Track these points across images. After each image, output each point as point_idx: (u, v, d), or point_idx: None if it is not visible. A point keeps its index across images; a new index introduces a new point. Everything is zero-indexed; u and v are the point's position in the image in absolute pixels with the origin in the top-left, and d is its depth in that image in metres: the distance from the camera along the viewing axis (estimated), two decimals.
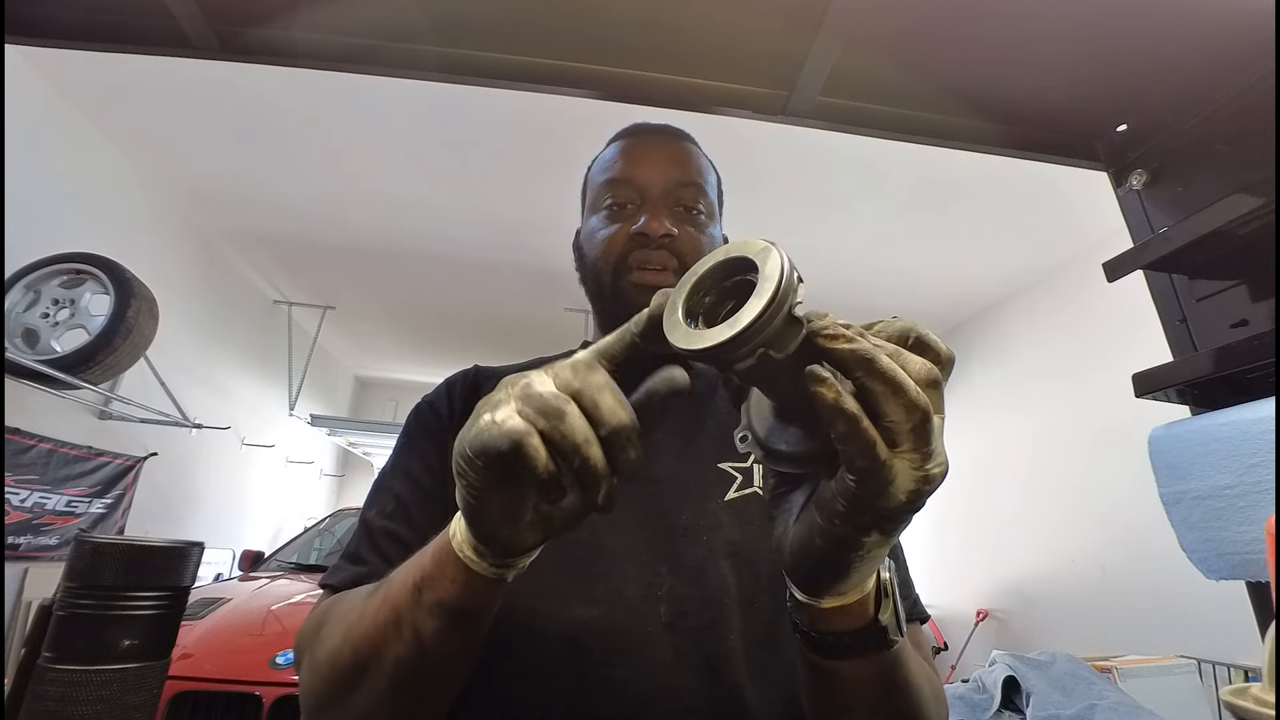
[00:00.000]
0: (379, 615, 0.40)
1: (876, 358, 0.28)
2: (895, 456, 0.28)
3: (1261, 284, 0.84)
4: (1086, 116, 1.01)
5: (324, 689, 0.42)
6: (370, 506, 0.57)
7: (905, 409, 0.28)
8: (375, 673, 0.40)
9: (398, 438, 0.63)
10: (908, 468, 0.28)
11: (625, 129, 0.72)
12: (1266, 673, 0.44)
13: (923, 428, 0.28)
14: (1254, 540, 0.75)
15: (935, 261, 3.41)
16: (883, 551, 0.32)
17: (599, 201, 0.67)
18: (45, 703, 0.50)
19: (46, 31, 0.91)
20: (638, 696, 0.48)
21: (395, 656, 0.39)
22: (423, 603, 0.37)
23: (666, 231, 0.62)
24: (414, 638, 0.38)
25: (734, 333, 0.28)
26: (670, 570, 0.53)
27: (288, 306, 4.38)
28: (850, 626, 0.36)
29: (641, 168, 0.65)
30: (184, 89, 2.36)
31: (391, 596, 0.40)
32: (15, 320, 2.22)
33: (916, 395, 0.28)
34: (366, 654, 0.40)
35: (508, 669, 0.50)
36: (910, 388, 0.28)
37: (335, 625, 0.44)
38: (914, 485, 0.29)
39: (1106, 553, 2.85)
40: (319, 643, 0.45)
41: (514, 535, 0.34)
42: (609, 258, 0.64)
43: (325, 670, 0.42)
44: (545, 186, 2.85)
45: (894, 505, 0.29)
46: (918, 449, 0.28)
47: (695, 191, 0.66)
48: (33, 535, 2.41)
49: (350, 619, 0.42)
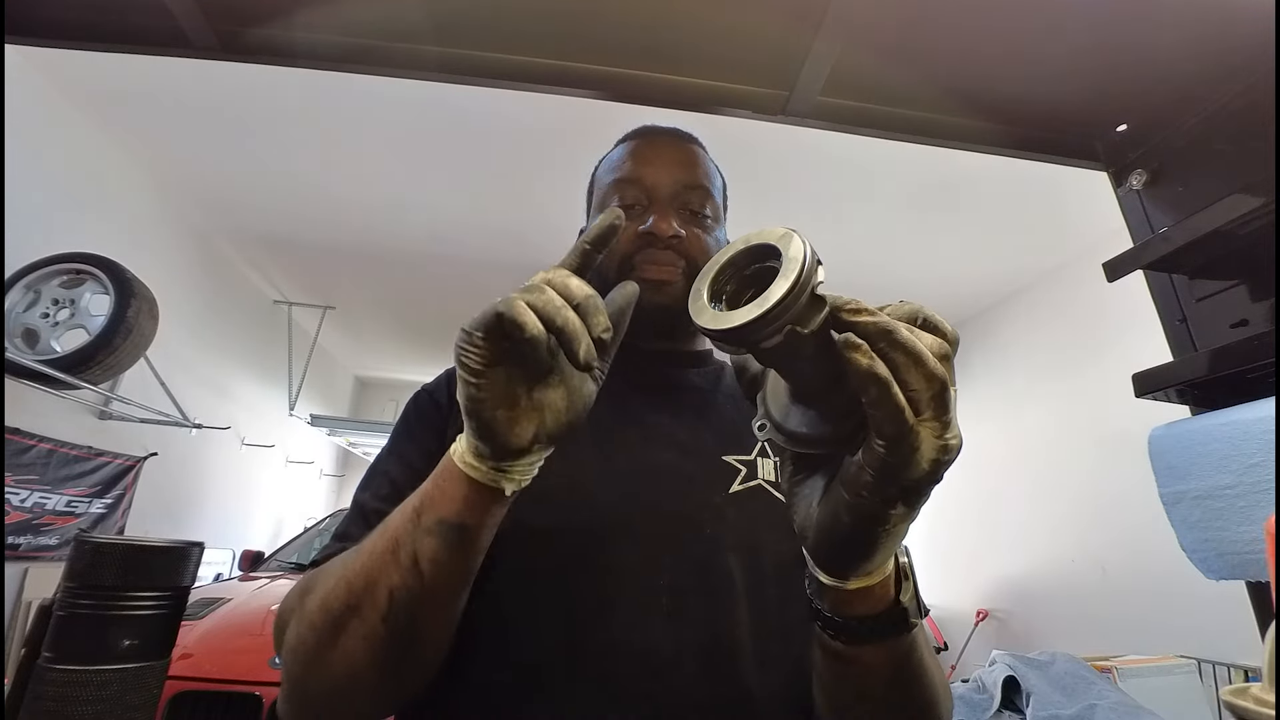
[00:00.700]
0: (376, 546, 0.41)
1: (898, 329, 0.30)
2: (920, 424, 0.30)
3: (1261, 284, 0.84)
4: (1086, 116, 1.01)
5: (312, 639, 0.42)
6: (364, 489, 0.58)
7: (926, 378, 0.30)
8: (369, 606, 0.40)
9: (396, 423, 0.63)
10: (930, 435, 0.30)
11: (634, 130, 0.72)
12: (1266, 673, 0.44)
13: (941, 397, 0.30)
14: (1254, 540, 0.75)
15: (935, 261, 3.41)
16: (905, 527, 0.34)
17: (606, 201, 0.67)
18: (45, 703, 0.50)
19: (46, 31, 0.91)
20: (638, 689, 0.48)
21: (390, 586, 0.39)
22: (421, 524, 0.39)
23: (674, 232, 0.62)
24: (411, 562, 0.39)
25: (763, 310, 0.30)
26: (673, 562, 0.53)
27: (288, 306, 4.38)
28: (873, 610, 0.37)
29: (650, 169, 0.66)
30: (184, 89, 2.36)
31: (391, 527, 0.41)
32: (15, 320, 2.22)
33: (935, 366, 0.30)
34: (360, 588, 0.40)
35: (506, 659, 0.50)
36: (929, 358, 0.30)
37: (327, 577, 0.44)
38: (935, 454, 0.30)
39: (1106, 553, 2.85)
40: (309, 597, 0.44)
41: (511, 421, 0.36)
42: (615, 256, 0.64)
43: (317, 618, 0.42)
44: (545, 186, 2.85)
45: (919, 474, 0.30)
46: (938, 417, 0.30)
47: (702, 194, 0.66)
48: (33, 535, 2.41)
49: (346, 560, 0.43)
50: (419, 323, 4.83)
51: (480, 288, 4.02)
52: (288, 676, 0.44)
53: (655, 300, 0.61)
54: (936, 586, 4.07)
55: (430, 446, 0.59)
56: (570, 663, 0.49)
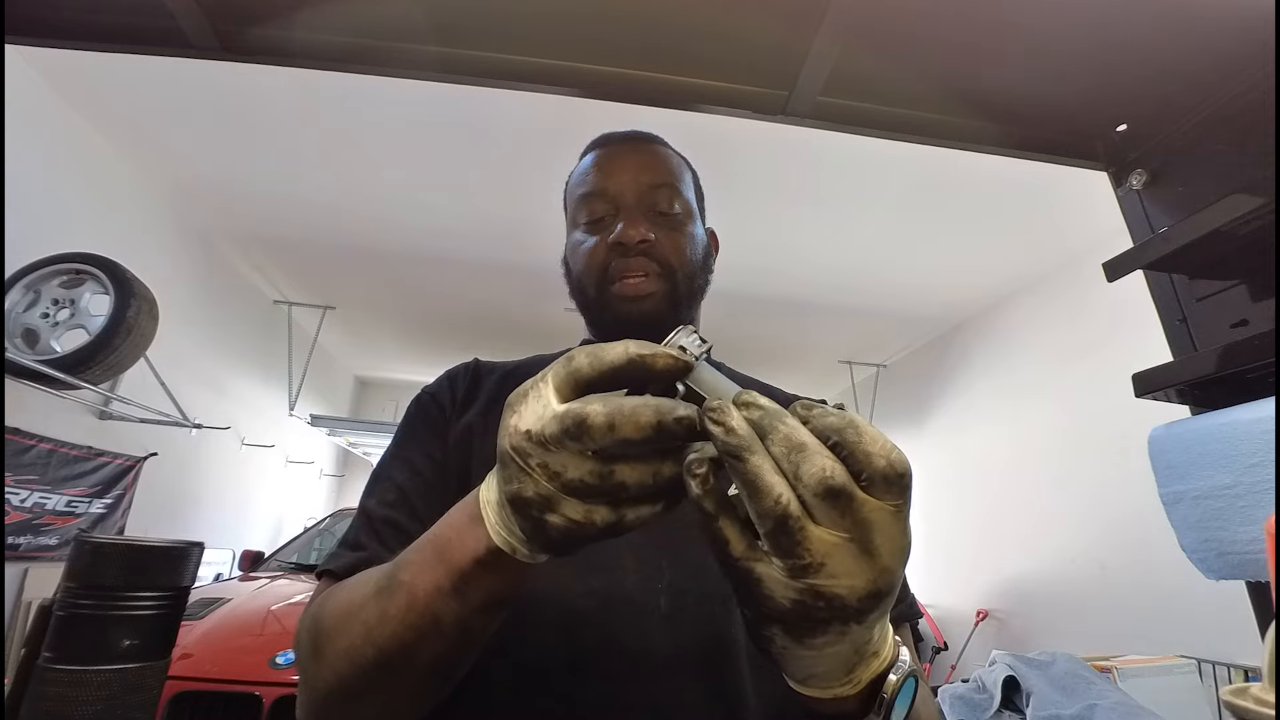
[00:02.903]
0: (408, 618, 0.38)
1: (743, 455, 0.27)
2: (757, 560, 0.28)
3: (1261, 284, 0.84)
4: (1086, 116, 1.01)
5: (338, 686, 0.42)
6: (370, 495, 0.57)
7: (759, 514, 0.26)
8: (408, 670, 0.39)
9: (398, 427, 0.63)
10: (774, 573, 0.27)
11: (594, 140, 0.73)
12: (1266, 673, 0.44)
13: (779, 534, 0.26)
14: (1254, 540, 0.75)
15: (935, 261, 3.41)
16: (842, 645, 0.29)
17: (577, 216, 0.68)
18: (45, 703, 0.50)
19: (46, 31, 0.91)
20: (636, 690, 0.48)
21: (434, 653, 0.38)
22: (469, 601, 0.37)
23: (643, 238, 0.63)
24: (458, 634, 0.38)
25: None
26: (671, 563, 0.53)
27: (288, 306, 4.38)
28: (849, 709, 0.33)
29: (612, 178, 0.66)
30: (184, 89, 2.36)
31: (421, 600, 0.38)
32: (15, 320, 2.22)
33: (775, 503, 0.26)
34: (395, 653, 0.39)
35: (505, 661, 0.50)
36: (771, 494, 0.26)
37: (348, 621, 0.42)
38: (791, 593, 0.27)
39: (1106, 553, 2.85)
40: (328, 638, 0.43)
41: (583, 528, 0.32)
42: (591, 271, 0.65)
43: (343, 668, 0.41)
44: (545, 187, 2.83)
45: (778, 612, 0.27)
46: (782, 556, 0.27)
47: (669, 192, 0.66)
48: (33, 535, 2.41)
49: (368, 619, 0.41)
50: (419, 323, 4.83)
51: (480, 288, 4.04)
52: (310, 702, 0.44)
53: (636, 310, 0.63)
54: (937, 586, 4.07)
55: (433, 449, 0.59)
56: (570, 663, 0.49)
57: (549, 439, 0.30)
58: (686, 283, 0.66)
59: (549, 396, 0.31)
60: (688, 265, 0.66)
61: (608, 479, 0.30)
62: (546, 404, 0.31)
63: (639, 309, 0.63)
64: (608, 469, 0.30)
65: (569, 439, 0.29)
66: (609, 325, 0.66)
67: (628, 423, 0.28)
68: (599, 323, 0.68)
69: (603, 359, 0.31)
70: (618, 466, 0.30)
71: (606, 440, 0.29)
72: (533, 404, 0.31)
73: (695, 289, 0.68)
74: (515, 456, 0.31)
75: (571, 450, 0.30)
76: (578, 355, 0.31)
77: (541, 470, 0.30)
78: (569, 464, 0.30)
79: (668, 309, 0.64)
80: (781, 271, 3.56)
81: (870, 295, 3.83)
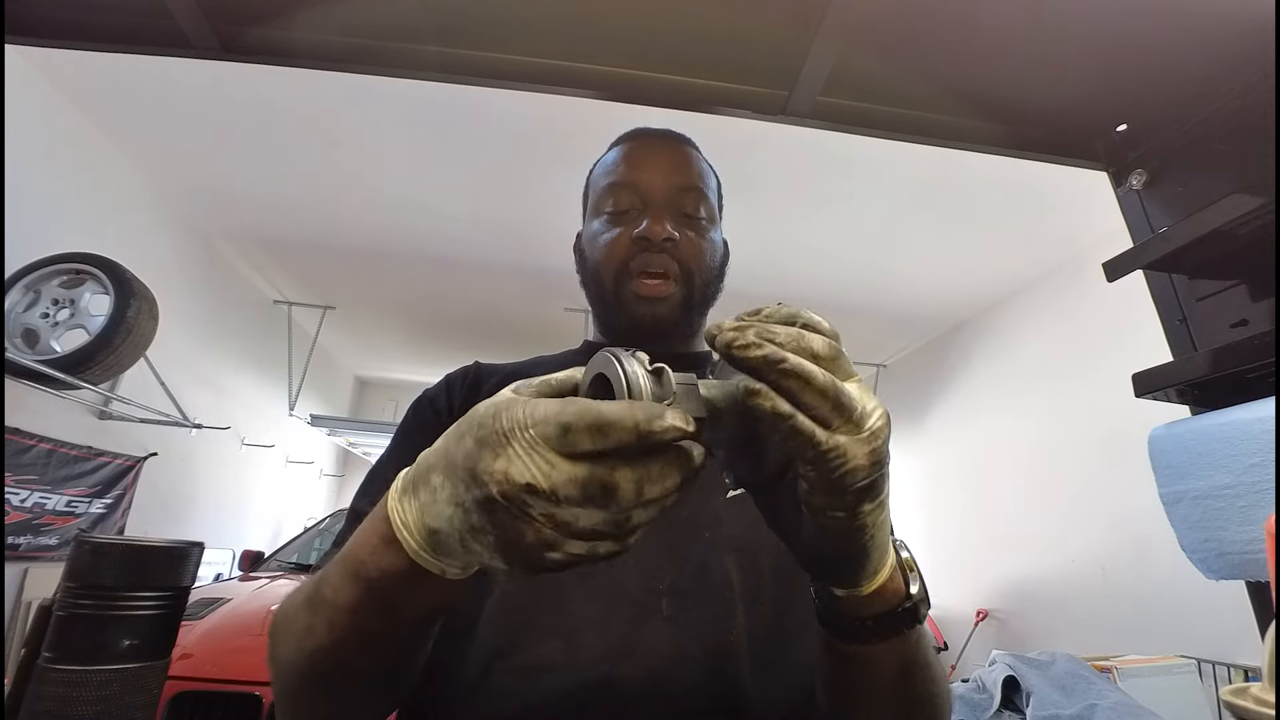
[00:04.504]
0: (334, 633, 0.37)
1: (784, 357, 0.30)
2: (835, 434, 0.30)
3: (1261, 284, 0.84)
4: (1086, 116, 1.01)
5: (286, 688, 0.42)
6: (363, 495, 0.57)
7: (819, 394, 0.30)
8: (343, 679, 0.40)
9: (396, 430, 0.63)
10: (849, 438, 0.30)
11: (627, 133, 0.72)
12: (1266, 673, 0.44)
13: (839, 402, 0.30)
14: (1254, 540, 0.75)
15: (935, 261, 3.41)
16: (883, 516, 0.34)
17: (601, 205, 0.67)
18: (45, 703, 0.50)
19: (46, 31, 0.91)
20: (638, 691, 0.48)
21: (369, 664, 0.39)
22: (400, 618, 0.36)
23: (668, 235, 0.62)
24: (392, 646, 0.39)
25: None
26: (672, 565, 0.53)
27: (288, 306, 4.38)
28: (888, 606, 0.38)
29: (644, 172, 0.66)
30: (185, 89, 2.36)
31: (345, 617, 0.37)
32: (15, 320, 2.22)
33: (822, 379, 0.30)
34: (325, 663, 0.39)
35: (508, 664, 0.50)
36: (816, 374, 0.30)
37: (288, 627, 0.41)
38: (866, 448, 0.30)
39: (1106, 553, 2.85)
40: (274, 641, 0.43)
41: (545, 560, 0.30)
42: (611, 262, 0.64)
43: (286, 673, 0.42)
44: (545, 187, 2.85)
45: (860, 476, 0.31)
46: (847, 419, 0.30)
47: (697, 196, 0.66)
48: (33, 535, 2.41)
49: (298, 630, 0.39)
50: (419, 323, 4.83)
51: (480, 288, 4.04)
52: (278, 705, 0.44)
53: (650, 314, 0.63)
54: (937, 586, 4.06)
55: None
56: (571, 665, 0.49)
57: (563, 499, 0.27)
58: (702, 289, 0.66)
59: (546, 453, 0.27)
60: (706, 271, 0.66)
61: (624, 525, 0.28)
62: (551, 463, 0.27)
63: (653, 312, 0.63)
64: (625, 516, 0.28)
65: (593, 505, 0.27)
66: (620, 320, 0.65)
67: (656, 487, 0.28)
68: (609, 316, 0.67)
69: (606, 435, 0.27)
70: (634, 511, 0.28)
71: (632, 504, 0.28)
72: (524, 453, 0.28)
73: (709, 296, 0.68)
74: (509, 505, 0.28)
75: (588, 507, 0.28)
76: (575, 422, 0.27)
77: (547, 519, 0.28)
78: (581, 516, 0.28)
79: (681, 315, 0.64)
80: (781, 271, 3.56)
81: (870, 295, 3.83)
